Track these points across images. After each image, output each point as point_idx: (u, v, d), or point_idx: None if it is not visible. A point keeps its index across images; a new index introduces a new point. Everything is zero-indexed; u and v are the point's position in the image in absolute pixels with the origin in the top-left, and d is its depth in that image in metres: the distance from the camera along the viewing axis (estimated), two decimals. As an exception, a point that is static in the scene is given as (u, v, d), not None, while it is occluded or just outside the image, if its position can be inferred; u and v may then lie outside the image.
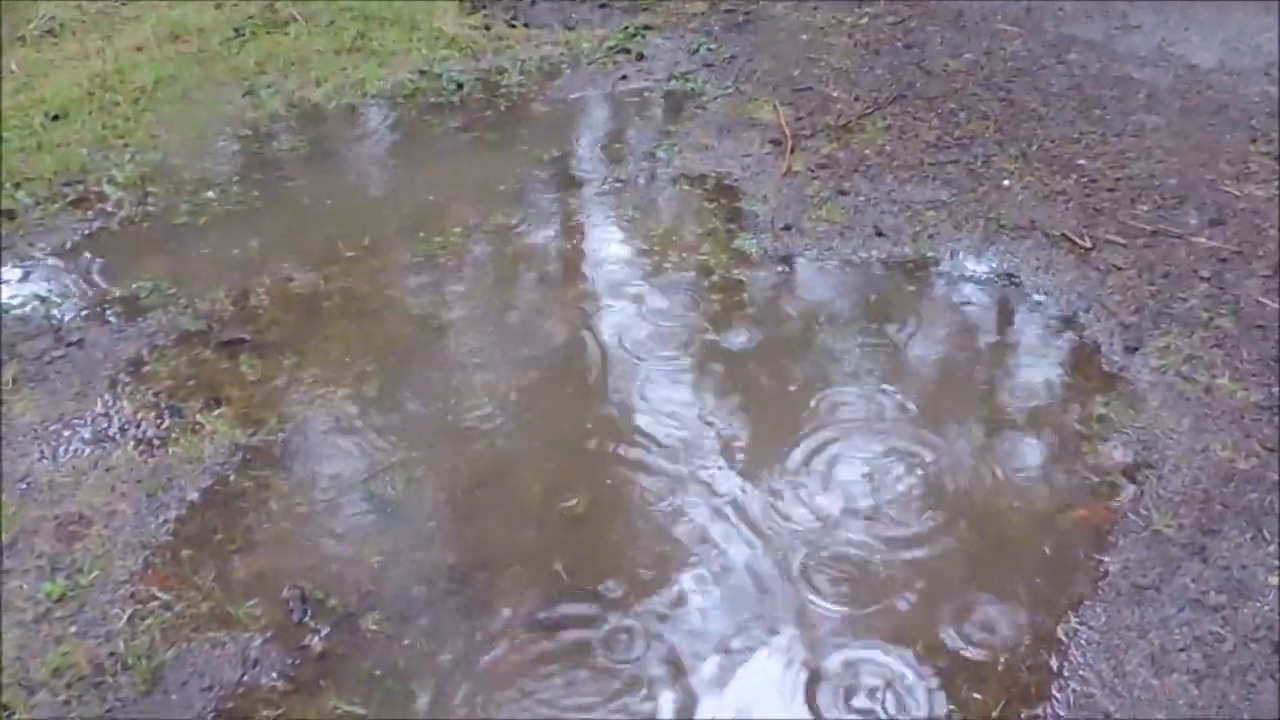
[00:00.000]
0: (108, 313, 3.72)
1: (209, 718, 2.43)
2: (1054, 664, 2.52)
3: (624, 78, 5.31)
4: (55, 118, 4.94)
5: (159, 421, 3.24)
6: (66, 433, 3.21)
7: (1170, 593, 2.66)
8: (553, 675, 2.51)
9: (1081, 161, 4.53)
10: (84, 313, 3.72)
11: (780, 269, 3.92)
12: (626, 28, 5.73)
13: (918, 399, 3.32)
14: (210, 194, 4.41)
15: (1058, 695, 2.45)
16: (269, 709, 2.45)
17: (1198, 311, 3.62)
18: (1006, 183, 4.38)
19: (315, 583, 2.74)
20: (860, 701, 2.45)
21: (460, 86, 5.21)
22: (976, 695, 2.46)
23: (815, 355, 3.50)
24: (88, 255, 4.03)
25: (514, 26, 5.83)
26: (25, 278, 3.92)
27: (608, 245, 4.09)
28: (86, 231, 4.19)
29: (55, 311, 3.72)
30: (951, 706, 2.43)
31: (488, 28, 5.80)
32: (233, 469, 3.08)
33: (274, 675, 2.52)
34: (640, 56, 5.47)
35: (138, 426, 3.23)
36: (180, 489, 3.01)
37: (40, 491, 3.01)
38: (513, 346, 3.55)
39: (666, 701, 2.46)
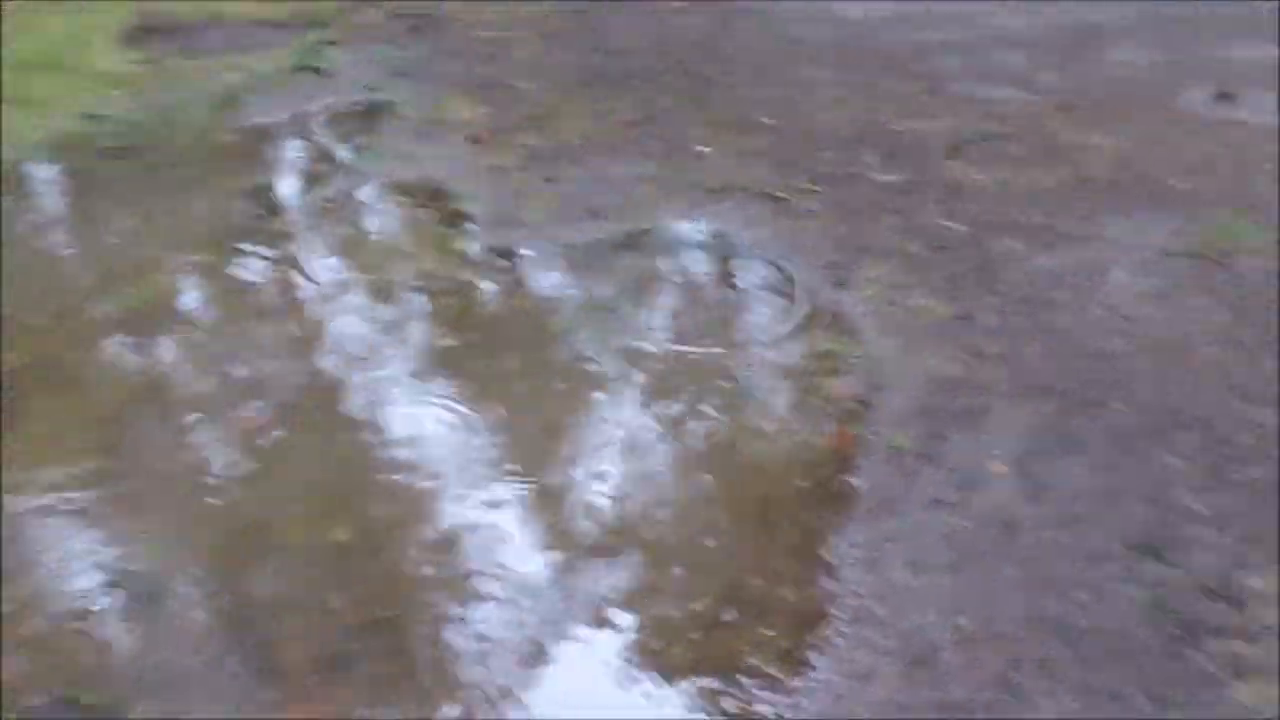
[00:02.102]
0: None
1: None
2: (830, 587, 2.68)
3: (311, 96, 5.14)
4: None
5: None
6: None
7: (914, 499, 2.90)
8: (358, 710, 2.43)
9: (765, 120, 4.82)
10: None
11: (504, 263, 3.93)
12: (305, 45, 5.55)
13: (655, 365, 3.44)
14: None
15: (839, 614, 2.61)
16: (45, 827, 2.23)
17: (889, 241, 3.94)
18: (704, 149, 4.59)
19: (70, 683, 2.51)
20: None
21: (136, 126, 4.88)
22: (769, 632, 2.58)
23: (554, 340, 3.54)
24: None
25: (184, 58, 5.51)
26: None
27: (326, 268, 3.96)
28: None
29: None
30: (745, 647, 2.54)
31: (155, 61, 5.45)
32: (-51, 580, 2.76)
33: (43, 789, 2.30)
34: (325, 73, 5.32)
35: None
36: (-111, 615, 2.67)
37: None
38: (244, 389, 3.38)
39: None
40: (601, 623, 2.62)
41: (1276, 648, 2.39)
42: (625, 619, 2.63)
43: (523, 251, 3.98)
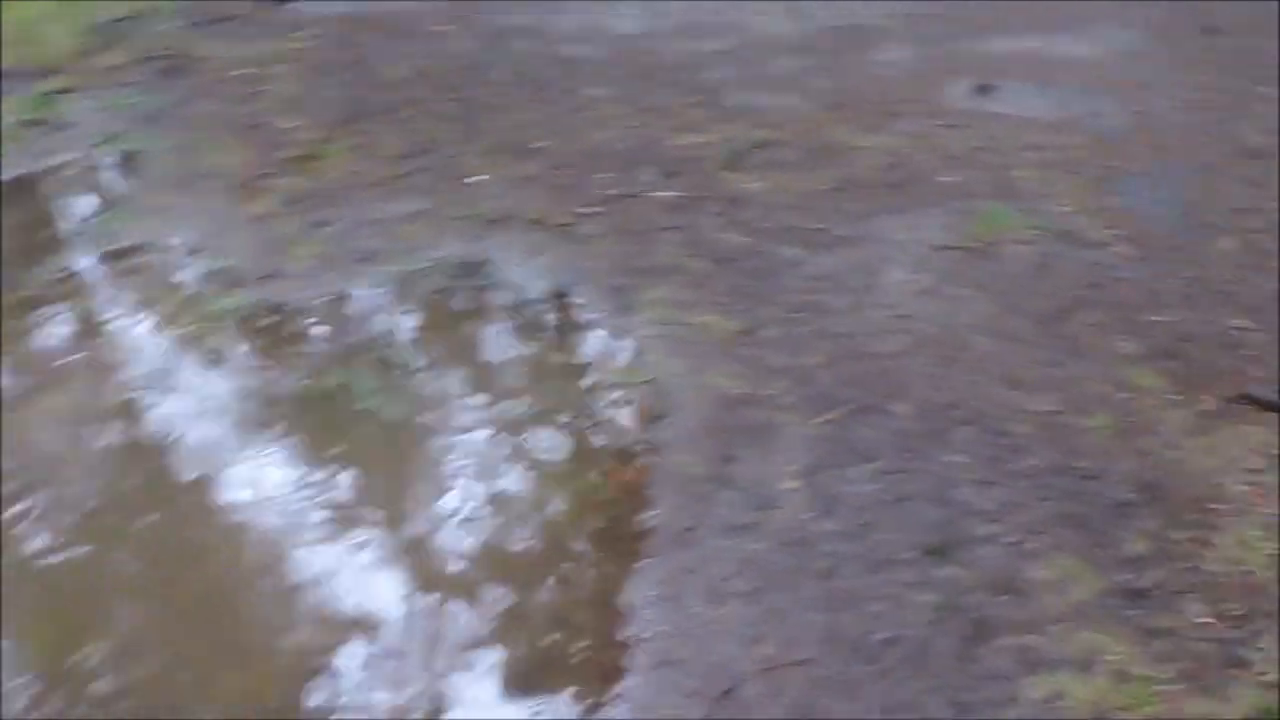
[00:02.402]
0: None
1: None
2: (632, 630, 2.58)
3: (45, 152, 4.73)
4: None
5: None
6: None
7: (710, 526, 2.83)
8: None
9: (542, 144, 4.72)
10: None
11: (273, 319, 3.69)
12: (38, 96, 5.12)
13: (435, 414, 3.28)
14: None
15: (642, 658, 2.52)
16: None
17: (672, 259, 3.89)
18: (479, 178, 4.45)
19: None
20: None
21: None
22: (575, 687, 2.47)
23: (327, 398, 3.33)
24: None
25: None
26: None
27: (69, 346, 3.62)
28: None
29: None
30: (549, 708, 2.42)
31: None
32: None
33: None
34: (61, 124, 4.91)
35: None
36: None
37: None
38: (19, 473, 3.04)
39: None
40: (401, 697, 2.46)
41: (1062, 639, 2.43)
42: (421, 692, 2.47)
43: (293, 303, 3.75)
